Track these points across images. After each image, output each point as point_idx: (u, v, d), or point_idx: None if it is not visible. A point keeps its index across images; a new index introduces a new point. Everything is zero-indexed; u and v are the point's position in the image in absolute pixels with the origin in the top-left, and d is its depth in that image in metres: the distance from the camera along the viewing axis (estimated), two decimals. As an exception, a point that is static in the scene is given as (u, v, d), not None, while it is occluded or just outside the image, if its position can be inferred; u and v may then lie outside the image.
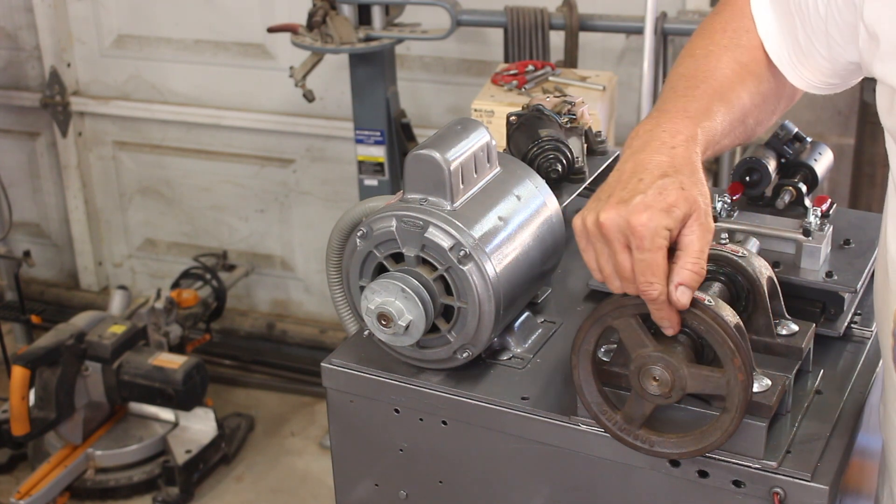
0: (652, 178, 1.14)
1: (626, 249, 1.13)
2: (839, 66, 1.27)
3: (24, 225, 4.45)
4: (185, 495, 3.40)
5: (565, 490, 1.31)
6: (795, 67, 1.30)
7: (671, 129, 1.20)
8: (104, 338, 3.33)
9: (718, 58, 1.31)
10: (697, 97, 1.26)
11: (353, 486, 1.45)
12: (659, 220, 1.11)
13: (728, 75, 1.30)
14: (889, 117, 1.18)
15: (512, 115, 1.61)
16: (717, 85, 1.28)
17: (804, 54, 1.28)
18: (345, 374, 1.39)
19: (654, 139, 1.19)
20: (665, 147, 1.18)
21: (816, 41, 1.26)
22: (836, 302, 1.38)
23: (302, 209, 4.06)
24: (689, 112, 1.23)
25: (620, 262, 1.13)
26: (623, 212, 1.12)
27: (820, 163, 1.52)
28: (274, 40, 3.76)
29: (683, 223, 1.13)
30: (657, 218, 1.11)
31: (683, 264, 1.12)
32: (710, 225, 1.15)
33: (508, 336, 1.39)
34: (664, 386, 1.15)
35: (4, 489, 3.47)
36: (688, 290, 1.12)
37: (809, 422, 1.24)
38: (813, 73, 1.30)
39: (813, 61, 1.28)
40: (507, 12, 3.07)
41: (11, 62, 4.24)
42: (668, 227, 1.11)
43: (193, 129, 4.09)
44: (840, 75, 1.30)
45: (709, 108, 1.25)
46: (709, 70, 1.30)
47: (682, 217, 1.12)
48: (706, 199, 1.15)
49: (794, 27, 1.28)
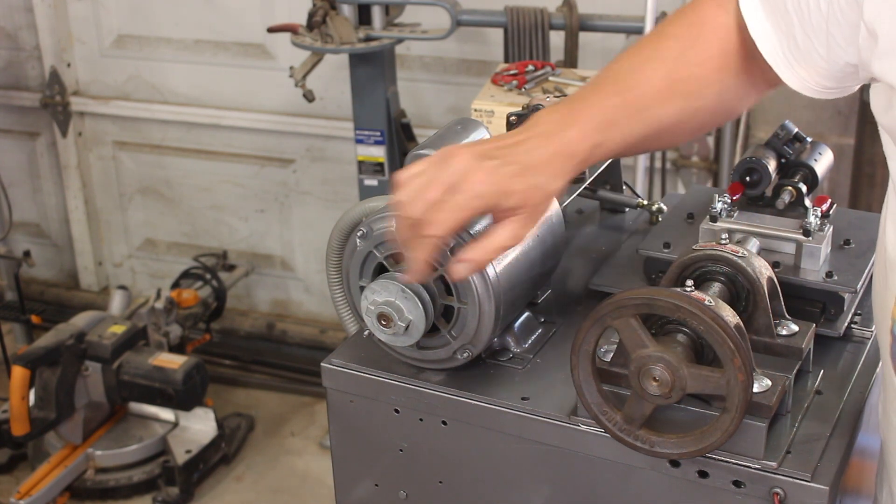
0: (521, 160, 1.19)
1: (448, 187, 1.16)
2: (837, 67, 1.26)
3: (24, 225, 4.45)
4: (185, 495, 3.40)
5: (565, 490, 1.31)
6: (792, 67, 1.29)
7: (568, 137, 1.23)
8: (104, 338, 3.33)
9: (654, 70, 1.31)
10: (612, 108, 1.27)
11: (353, 486, 1.45)
12: (488, 189, 1.16)
13: (653, 93, 1.30)
14: (885, 115, 1.18)
15: (512, 115, 1.61)
16: (637, 101, 1.29)
17: (802, 54, 1.28)
18: (345, 374, 1.39)
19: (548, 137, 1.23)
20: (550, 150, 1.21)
21: (816, 40, 1.25)
22: (836, 302, 1.38)
23: (302, 209, 4.07)
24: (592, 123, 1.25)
25: (430, 191, 1.16)
26: (474, 163, 1.17)
27: (820, 163, 1.51)
28: (274, 40, 3.76)
29: (508, 213, 1.19)
30: (488, 187, 1.16)
31: (478, 246, 1.19)
32: (524, 233, 1.21)
33: (508, 336, 1.39)
34: (664, 386, 1.15)
35: (4, 489, 3.47)
36: (467, 268, 1.19)
37: (809, 422, 1.24)
38: (810, 73, 1.29)
39: (811, 61, 1.28)
40: (507, 12, 3.07)
41: (11, 62, 4.24)
42: (488, 201, 1.16)
43: (193, 129, 4.09)
44: (836, 78, 1.29)
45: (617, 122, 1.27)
46: (638, 81, 1.30)
47: (510, 207, 1.18)
48: (542, 210, 1.22)
49: (792, 26, 1.26)
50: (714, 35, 1.32)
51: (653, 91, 1.30)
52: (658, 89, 1.30)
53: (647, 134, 1.31)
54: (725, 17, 1.32)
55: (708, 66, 1.32)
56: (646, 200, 1.72)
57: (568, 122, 1.25)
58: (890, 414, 1.25)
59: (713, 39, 1.32)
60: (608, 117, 1.27)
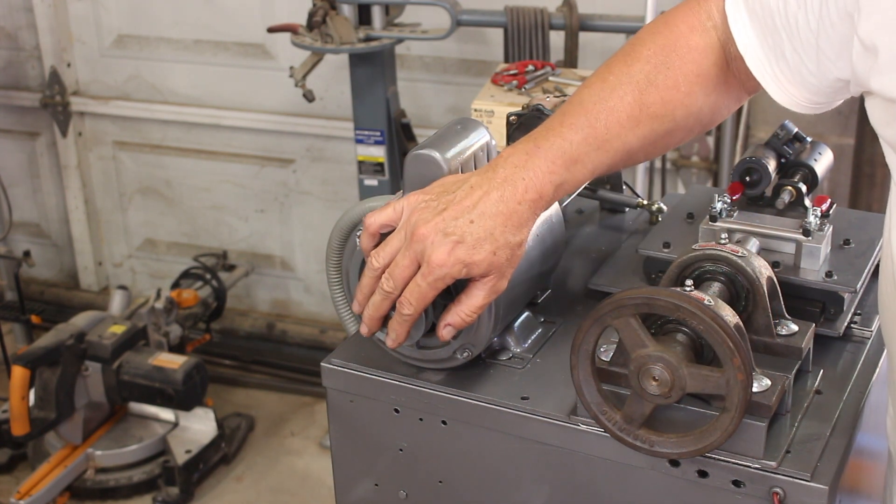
0: (479, 228, 1.22)
1: (416, 264, 1.23)
2: (826, 83, 1.25)
3: (24, 225, 4.45)
4: (185, 495, 3.40)
5: (565, 490, 1.31)
6: (780, 83, 1.28)
7: (530, 179, 1.25)
8: (104, 338, 3.33)
9: (622, 97, 1.30)
10: (575, 143, 1.28)
11: (353, 486, 1.45)
12: (452, 269, 1.21)
13: (622, 121, 1.30)
14: (888, 129, 1.17)
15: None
16: (604, 133, 1.29)
17: (791, 71, 1.26)
18: (345, 374, 1.39)
19: (511, 184, 1.24)
20: (513, 200, 1.24)
21: (805, 57, 1.24)
22: (835, 302, 1.38)
23: (302, 209, 4.07)
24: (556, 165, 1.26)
25: (402, 265, 1.24)
26: (436, 240, 1.21)
27: (820, 163, 1.51)
28: (274, 40, 3.76)
29: (479, 277, 1.24)
30: (452, 268, 1.21)
31: (459, 310, 1.25)
32: (501, 287, 1.25)
33: (508, 336, 1.39)
34: (664, 386, 1.15)
35: (4, 489, 3.47)
36: (453, 330, 1.26)
37: (809, 422, 1.24)
38: (798, 90, 1.28)
39: (800, 78, 1.27)
40: (507, 12, 3.07)
41: (11, 62, 4.24)
42: (455, 277, 1.22)
43: (193, 129, 4.09)
44: (825, 93, 1.28)
45: (583, 158, 1.28)
46: (605, 111, 1.30)
47: (477, 274, 1.23)
48: (512, 264, 1.25)
49: (780, 43, 1.25)
50: (687, 58, 1.32)
51: (621, 119, 1.30)
52: (626, 116, 1.30)
53: (615, 161, 1.32)
54: (699, 39, 1.32)
55: (679, 90, 1.32)
56: (646, 200, 1.72)
57: (529, 165, 1.26)
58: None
59: (686, 63, 1.31)
60: (572, 154, 1.27)
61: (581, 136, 1.28)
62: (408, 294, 1.24)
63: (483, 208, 1.23)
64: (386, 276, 1.25)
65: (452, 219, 1.23)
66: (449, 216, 1.23)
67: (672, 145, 1.40)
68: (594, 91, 1.32)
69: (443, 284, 1.23)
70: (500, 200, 1.24)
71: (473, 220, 1.22)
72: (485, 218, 1.23)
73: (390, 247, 1.26)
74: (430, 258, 1.21)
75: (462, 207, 1.23)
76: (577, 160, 1.28)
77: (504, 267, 1.24)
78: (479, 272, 1.23)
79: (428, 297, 1.24)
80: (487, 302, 1.26)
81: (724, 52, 1.32)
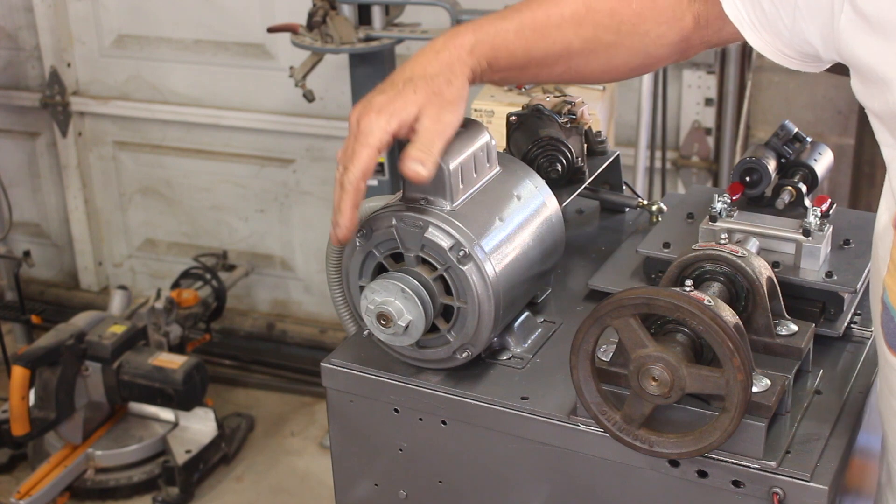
0: (398, 81, 1.28)
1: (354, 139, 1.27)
2: (798, 40, 1.26)
3: (24, 225, 4.45)
4: (185, 495, 3.40)
5: (565, 490, 1.31)
6: (756, 30, 1.29)
7: (451, 33, 1.32)
8: (104, 338, 3.33)
9: None
10: (511, 19, 1.33)
11: (352, 486, 1.45)
12: (376, 122, 1.25)
13: (565, 14, 1.34)
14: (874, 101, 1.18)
15: (512, 115, 1.61)
16: (544, 18, 1.33)
17: (768, 20, 1.28)
18: (344, 374, 1.39)
19: (431, 42, 1.32)
20: (431, 51, 1.31)
21: (783, 10, 1.25)
22: (835, 302, 1.38)
23: (302, 209, 4.07)
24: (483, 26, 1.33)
25: (346, 145, 1.28)
26: (362, 109, 1.27)
27: (820, 163, 1.52)
28: (274, 40, 3.76)
29: (413, 122, 1.26)
30: (375, 121, 1.25)
31: (410, 147, 1.26)
32: (439, 117, 1.26)
33: (508, 336, 1.39)
34: (663, 386, 1.15)
35: (4, 489, 3.47)
36: (417, 164, 1.25)
37: (809, 422, 1.24)
38: (773, 37, 1.29)
39: (775, 29, 1.28)
40: (507, 12, 3.07)
41: (11, 62, 4.25)
42: (385, 129, 1.25)
43: (193, 129, 4.09)
44: (796, 50, 1.29)
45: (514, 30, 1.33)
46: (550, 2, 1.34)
47: (407, 119, 1.25)
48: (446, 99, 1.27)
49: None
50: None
51: (564, 13, 1.33)
52: (571, 12, 1.33)
53: (551, 51, 1.34)
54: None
55: (630, 6, 1.34)
56: (646, 200, 1.72)
57: (450, 31, 1.33)
58: (881, 384, 1.26)
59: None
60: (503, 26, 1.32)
61: (518, 15, 1.34)
62: (343, 159, 1.27)
63: (403, 67, 1.30)
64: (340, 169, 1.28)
65: (378, 89, 1.29)
66: (376, 90, 1.29)
67: (613, 69, 1.41)
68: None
69: (375, 140, 1.25)
70: (420, 55, 1.31)
71: (394, 79, 1.29)
72: (403, 71, 1.29)
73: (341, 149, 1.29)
74: (358, 124, 1.26)
75: (387, 80, 1.30)
76: (508, 30, 1.32)
77: (433, 99, 1.27)
78: (407, 115, 1.26)
79: (363, 158, 1.25)
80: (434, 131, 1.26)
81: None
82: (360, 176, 1.25)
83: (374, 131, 1.25)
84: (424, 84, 1.27)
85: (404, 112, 1.25)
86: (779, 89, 3.31)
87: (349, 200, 1.26)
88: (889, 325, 1.18)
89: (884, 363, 1.23)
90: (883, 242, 1.20)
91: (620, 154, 1.72)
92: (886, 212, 1.22)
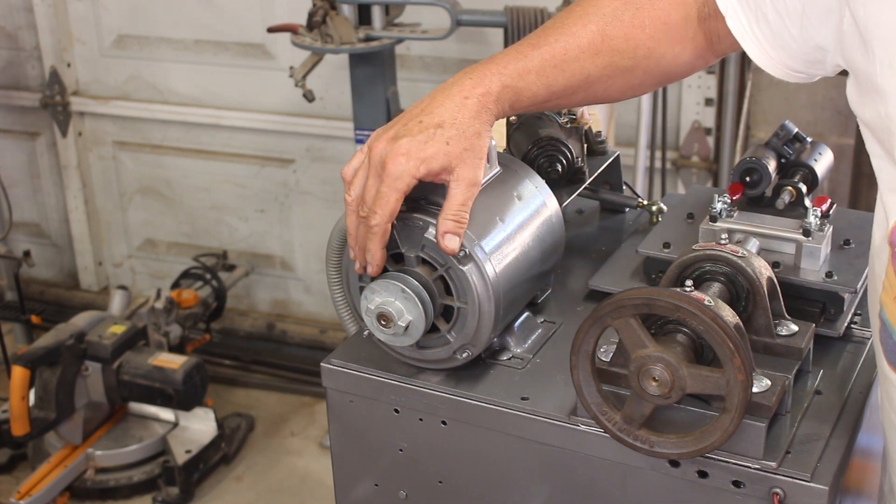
0: (427, 124, 1.25)
1: (379, 178, 1.25)
2: (807, 48, 1.25)
3: (24, 225, 4.45)
4: (185, 495, 3.40)
5: (565, 490, 1.31)
6: (760, 45, 1.29)
7: (478, 78, 1.29)
8: (104, 338, 3.33)
9: (585, 24, 1.33)
10: (532, 57, 1.31)
11: (352, 486, 1.45)
12: (405, 167, 1.23)
13: (583, 45, 1.32)
14: (865, 109, 1.17)
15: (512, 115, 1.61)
16: (563, 52, 1.32)
17: (773, 33, 1.27)
18: (344, 374, 1.39)
19: (457, 84, 1.28)
20: (459, 96, 1.27)
21: (789, 20, 1.24)
22: (835, 302, 1.38)
23: (302, 209, 4.07)
24: (507, 69, 1.30)
25: (369, 185, 1.26)
26: (389, 148, 1.24)
27: (820, 163, 1.52)
28: (274, 40, 3.76)
29: (441, 174, 1.24)
30: (407, 165, 1.23)
31: (445, 215, 1.25)
32: (473, 179, 1.26)
33: (508, 336, 1.39)
34: (664, 386, 1.15)
35: (4, 489, 3.47)
36: (453, 237, 1.25)
37: (809, 422, 1.24)
38: (778, 53, 1.28)
39: (781, 41, 1.27)
40: (507, 12, 3.07)
41: (11, 62, 4.24)
42: (415, 175, 1.23)
43: (193, 129, 4.09)
44: (804, 61, 1.28)
45: (536, 70, 1.31)
46: (568, 34, 1.33)
47: (437, 169, 1.24)
48: (475, 153, 1.26)
49: (763, 4, 1.26)
50: (658, 4, 1.34)
51: (581, 44, 1.32)
52: (588, 42, 1.32)
53: (571, 83, 1.33)
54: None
55: (644, 31, 1.33)
56: (646, 200, 1.72)
57: (479, 68, 1.30)
58: (882, 397, 1.26)
59: (655, 9, 1.33)
60: (526, 66, 1.30)
61: (538, 53, 1.31)
62: (372, 204, 1.24)
63: (430, 108, 1.26)
64: (361, 204, 1.26)
65: (402, 125, 1.26)
66: (399, 125, 1.26)
67: (632, 88, 1.40)
68: (559, 18, 1.35)
69: (403, 185, 1.23)
70: (446, 98, 1.27)
71: (422, 120, 1.25)
72: (432, 115, 1.25)
73: (358, 177, 1.28)
74: (384, 162, 1.23)
75: (411, 115, 1.27)
76: (530, 71, 1.30)
77: (465, 156, 1.25)
78: (438, 166, 1.24)
79: (391, 202, 1.23)
80: (466, 196, 1.26)
81: (698, 9, 1.33)
82: (388, 219, 1.24)
83: (403, 177, 1.23)
84: (458, 136, 1.25)
85: (435, 163, 1.23)
86: (779, 89, 3.31)
87: (378, 242, 1.26)
88: (888, 343, 1.18)
89: (884, 378, 1.23)
90: (879, 259, 1.20)
91: (620, 154, 1.73)
92: (878, 229, 1.22)
